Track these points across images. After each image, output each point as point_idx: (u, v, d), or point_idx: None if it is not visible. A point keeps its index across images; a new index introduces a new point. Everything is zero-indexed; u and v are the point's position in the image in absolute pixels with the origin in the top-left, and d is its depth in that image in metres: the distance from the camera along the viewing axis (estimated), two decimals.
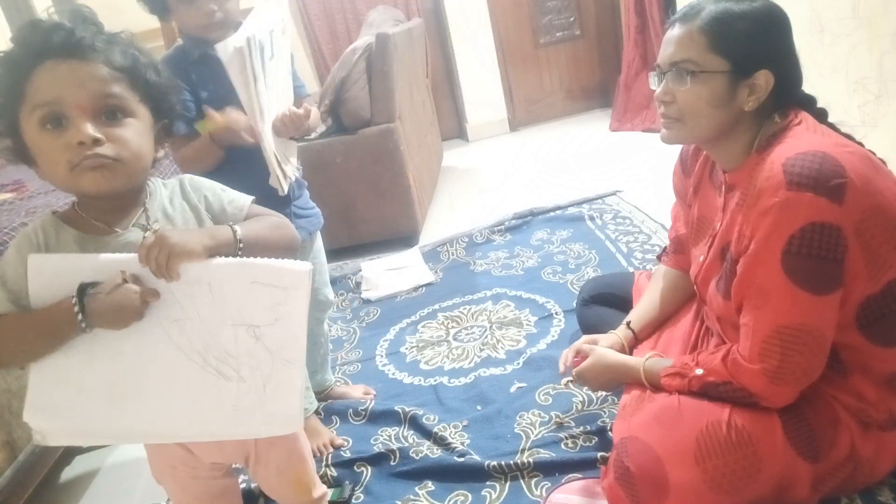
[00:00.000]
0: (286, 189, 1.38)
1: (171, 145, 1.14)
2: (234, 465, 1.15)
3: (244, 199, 1.03)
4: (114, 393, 0.88)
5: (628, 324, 1.38)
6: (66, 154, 0.82)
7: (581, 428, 1.42)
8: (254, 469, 1.11)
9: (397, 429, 1.57)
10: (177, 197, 0.99)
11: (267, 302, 0.91)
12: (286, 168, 1.39)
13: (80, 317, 0.83)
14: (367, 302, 2.41)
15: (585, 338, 1.40)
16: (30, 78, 0.81)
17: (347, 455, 1.50)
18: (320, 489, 1.19)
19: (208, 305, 0.89)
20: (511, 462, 1.35)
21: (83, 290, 0.84)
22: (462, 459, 1.39)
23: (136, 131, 0.87)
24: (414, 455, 1.44)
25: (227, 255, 0.91)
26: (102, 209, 0.91)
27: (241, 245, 0.93)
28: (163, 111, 0.93)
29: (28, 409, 0.88)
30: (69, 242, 0.89)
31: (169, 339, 0.89)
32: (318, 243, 1.65)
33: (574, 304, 1.75)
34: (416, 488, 1.37)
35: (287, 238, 1.03)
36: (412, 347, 1.99)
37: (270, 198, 1.24)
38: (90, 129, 0.81)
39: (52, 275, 0.86)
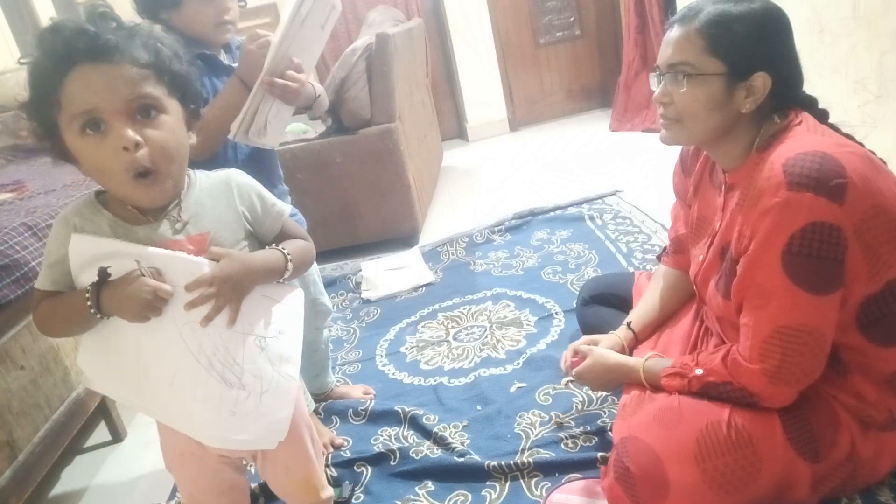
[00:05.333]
0: (234, 136, 1.27)
1: None
2: (245, 464, 1.15)
3: (285, 211, 1.06)
4: (136, 370, 0.92)
5: (628, 324, 1.38)
6: (116, 160, 0.83)
7: (581, 428, 1.42)
8: (262, 466, 1.11)
9: (397, 429, 1.57)
10: (218, 194, 0.99)
11: (272, 316, 0.98)
12: (256, 122, 1.29)
13: (89, 302, 0.86)
14: (367, 302, 2.41)
15: (585, 338, 1.40)
16: (62, 87, 0.81)
17: (347, 455, 1.50)
18: (328, 490, 1.19)
19: (224, 311, 0.93)
20: (511, 462, 1.35)
21: (104, 278, 0.87)
22: (462, 459, 1.39)
23: (171, 129, 0.88)
24: (414, 455, 1.44)
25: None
26: None
27: (286, 276, 0.99)
28: (189, 97, 0.94)
29: (81, 352, 0.94)
30: (103, 227, 0.90)
31: (180, 338, 0.90)
32: None
33: (574, 304, 1.75)
34: (416, 488, 1.37)
35: (308, 264, 1.07)
36: (412, 347, 1.99)
37: None
38: (131, 134, 0.83)
39: (91, 257, 0.88)
